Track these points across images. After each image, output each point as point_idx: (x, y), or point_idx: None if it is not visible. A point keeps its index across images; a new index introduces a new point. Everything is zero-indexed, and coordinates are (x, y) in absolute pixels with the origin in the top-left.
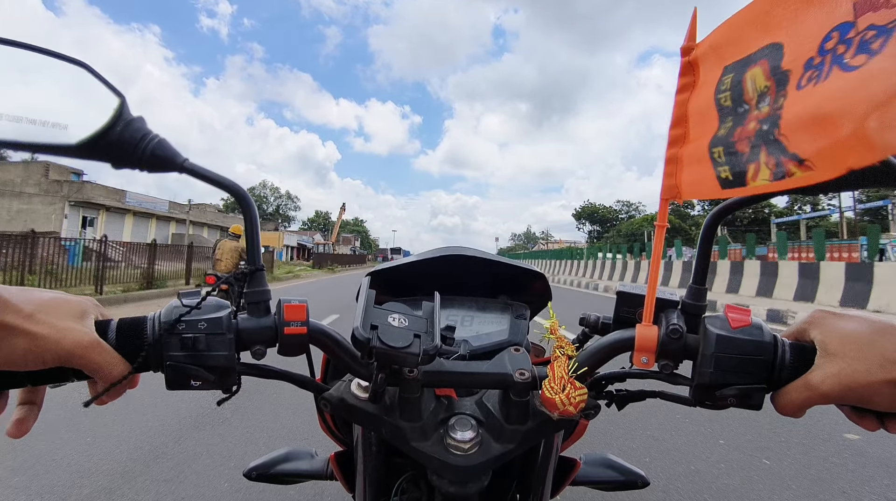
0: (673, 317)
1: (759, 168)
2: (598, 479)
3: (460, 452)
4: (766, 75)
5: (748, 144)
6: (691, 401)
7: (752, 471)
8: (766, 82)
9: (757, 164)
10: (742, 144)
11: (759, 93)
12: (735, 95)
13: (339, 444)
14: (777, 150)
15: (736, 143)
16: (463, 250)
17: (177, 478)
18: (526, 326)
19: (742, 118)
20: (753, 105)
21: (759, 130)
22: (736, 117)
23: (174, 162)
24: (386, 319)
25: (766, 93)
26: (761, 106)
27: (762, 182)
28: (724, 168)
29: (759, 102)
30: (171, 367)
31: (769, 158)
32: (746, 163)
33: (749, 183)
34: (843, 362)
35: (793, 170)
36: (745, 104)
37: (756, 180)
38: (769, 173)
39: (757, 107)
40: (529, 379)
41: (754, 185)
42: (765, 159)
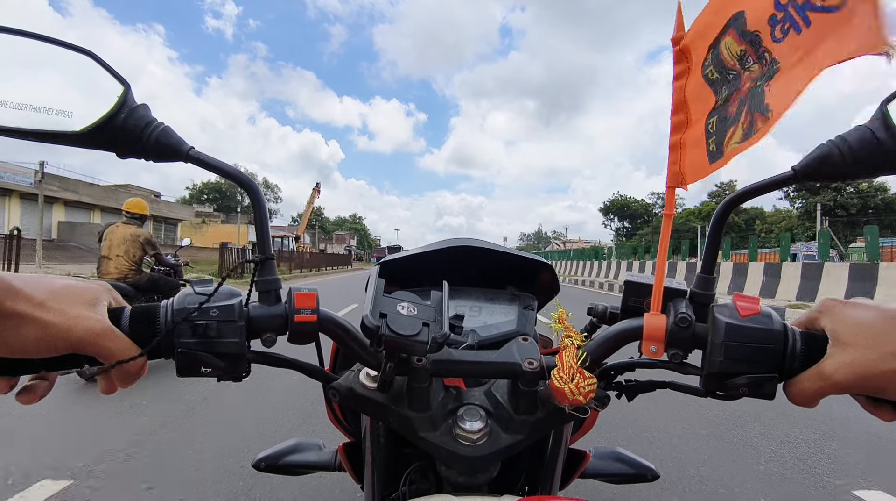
0: (681, 306)
1: (735, 130)
2: (607, 472)
3: (469, 442)
4: (736, 41)
5: (737, 104)
6: (702, 391)
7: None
8: (741, 46)
9: (735, 126)
10: (733, 106)
11: (738, 56)
12: (717, 66)
13: (346, 435)
14: (758, 103)
15: (729, 106)
16: (471, 240)
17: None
18: (533, 316)
19: (736, 83)
20: (740, 68)
21: (753, 87)
22: (729, 84)
23: (179, 150)
24: (395, 307)
25: (745, 55)
26: (749, 65)
27: (734, 146)
28: (712, 139)
29: (744, 63)
30: (182, 354)
31: (747, 115)
32: (729, 126)
33: (725, 150)
34: (856, 351)
35: (759, 125)
36: (731, 70)
37: (730, 145)
38: (741, 134)
39: (744, 68)
40: (538, 369)
41: (728, 151)
42: (743, 118)
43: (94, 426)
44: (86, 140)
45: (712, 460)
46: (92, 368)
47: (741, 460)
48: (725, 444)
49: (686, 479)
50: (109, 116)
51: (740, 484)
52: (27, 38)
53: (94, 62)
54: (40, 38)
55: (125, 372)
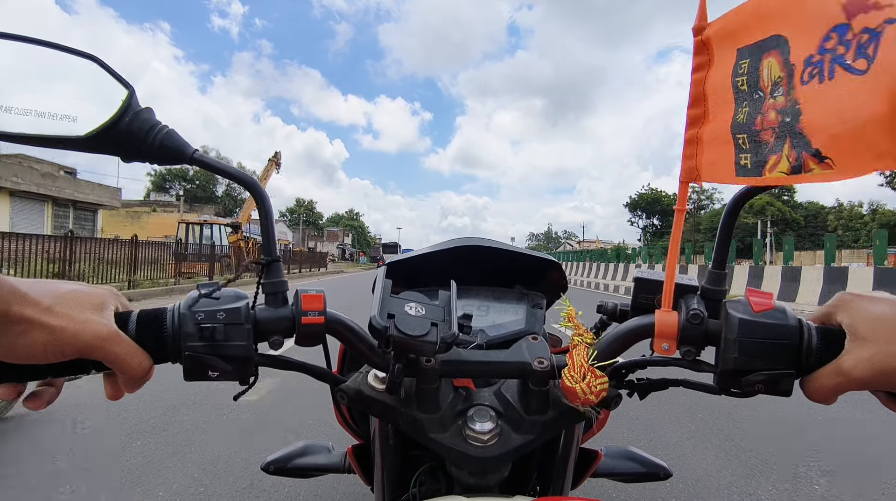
0: (693, 302)
1: (779, 160)
2: (619, 471)
3: (479, 443)
4: (780, 66)
5: (773, 135)
6: (716, 389)
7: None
8: (781, 73)
9: (779, 156)
10: (766, 134)
11: (774, 82)
12: (751, 80)
13: (355, 437)
14: (801, 143)
15: (760, 132)
16: (478, 240)
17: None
18: (542, 315)
19: (758, 105)
20: (768, 93)
21: (782, 121)
22: (752, 103)
23: (183, 153)
24: (403, 308)
25: (779, 83)
26: (776, 95)
27: (778, 174)
28: (746, 156)
29: (774, 90)
30: (189, 357)
31: (792, 151)
32: (769, 153)
33: (765, 173)
34: (875, 346)
35: (811, 166)
36: (761, 91)
37: (773, 172)
38: (788, 166)
39: (771, 96)
40: (548, 368)
41: (769, 176)
42: (787, 152)
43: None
44: (91, 145)
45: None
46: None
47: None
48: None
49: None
50: (114, 121)
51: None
52: (32, 44)
53: (99, 67)
54: (45, 44)
55: (132, 377)
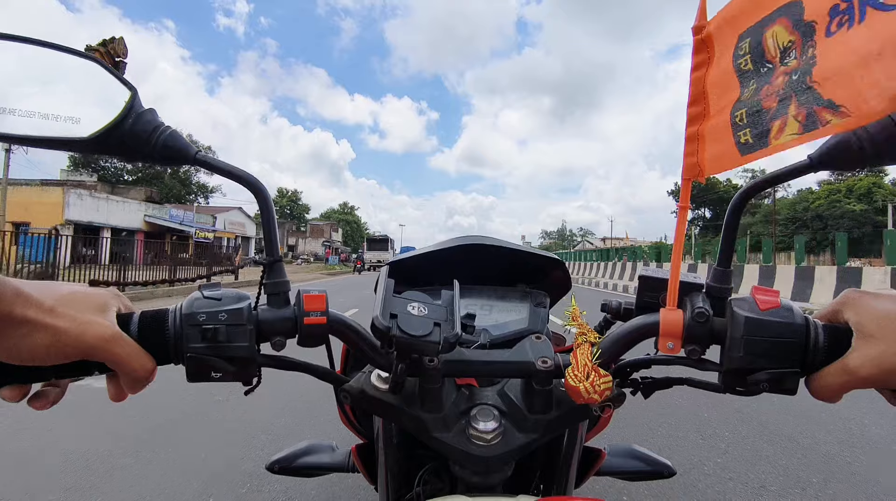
0: (698, 300)
1: (785, 123)
2: (623, 470)
3: (483, 442)
4: (788, 30)
5: (776, 99)
6: (721, 387)
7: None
8: (791, 37)
9: (783, 119)
10: (769, 101)
11: (783, 48)
12: (756, 56)
13: (359, 437)
14: (810, 98)
15: (762, 100)
16: (481, 238)
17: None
18: (546, 314)
19: (767, 77)
20: (778, 62)
21: (790, 81)
22: (759, 78)
23: (186, 154)
24: (405, 308)
25: (790, 47)
26: (787, 61)
27: (788, 137)
28: (744, 132)
29: (784, 57)
30: (191, 359)
31: (799, 109)
32: (771, 120)
33: (771, 142)
34: (882, 344)
35: (828, 118)
36: (769, 63)
37: (780, 137)
38: (798, 126)
39: (783, 62)
40: (552, 367)
41: (777, 143)
42: (794, 112)
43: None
44: (94, 146)
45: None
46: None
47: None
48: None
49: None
50: (117, 122)
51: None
52: (35, 45)
53: (102, 68)
54: (48, 45)
55: (135, 378)
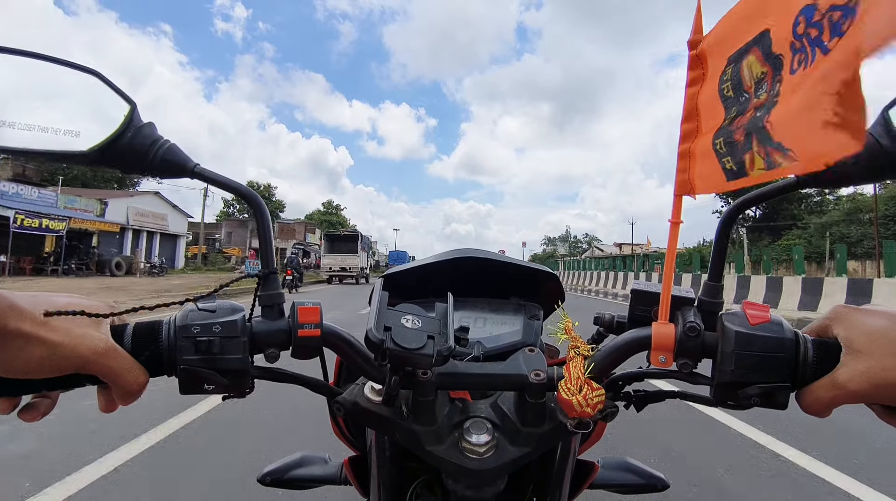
0: (689, 314)
1: (753, 158)
2: (616, 483)
3: (476, 456)
4: (760, 62)
5: (742, 133)
6: (713, 401)
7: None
8: (763, 68)
9: (751, 153)
10: (738, 133)
11: (757, 80)
12: (734, 84)
13: (352, 449)
14: (765, 139)
15: (734, 132)
16: (475, 251)
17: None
18: (539, 326)
19: (744, 107)
20: (752, 93)
21: (753, 117)
22: (738, 106)
23: (185, 167)
24: (399, 320)
25: (763, 79)
26: (759, 93)
27: (758, 172)
28: (727, 159)
29: (757, 89)
30: (184, 371)
31: (759, 147)
32: (742, 152)
33: (749, 173)
34: (871, 359)
35: (779, 160)
36: (745, 93)
37: (753, 170)
38: (762, 163)
39: (756, 94)
40: (545, 380)
41: (753, 175)
42: (756, 148)
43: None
44: (93, 159)
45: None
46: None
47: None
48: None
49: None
50: (116, 136)
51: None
52: (34, 58)
53: (101, 82)
54: (47, 58)
55: (127, 391)
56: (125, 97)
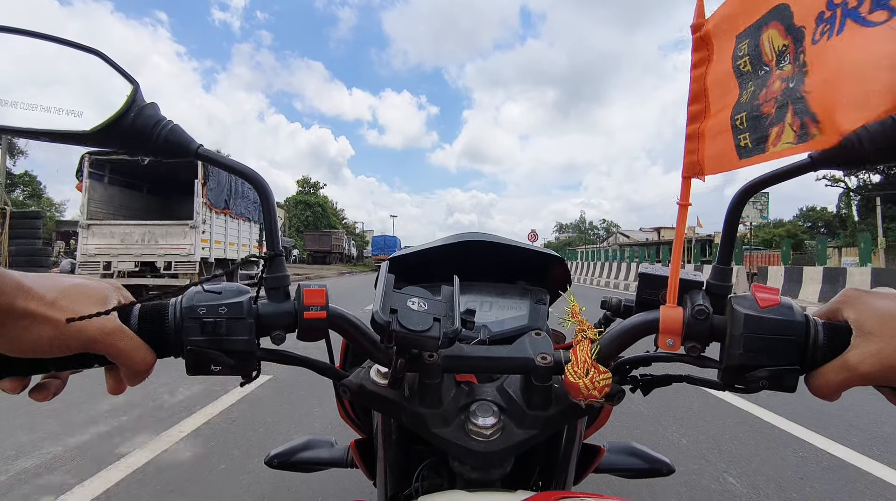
0: (698, 298)
1: (782, 130)
2: (622, 467)
3: (482, 438)
4: (782, 34)
5: (774, 105)
6: (721, 385)
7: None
8: (784, 41)
9: (781, 126)
10: (768, 106)
11: (779, 52)
12: (754, 58)
13: (358, 432)
14: (802, 108)
15: (762, 105)
16: (481, 235)
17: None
18: (545, 311)
19: (765, 80)
20: (774, 65)
21: (787, 88)
22: (758, 80)
23: (188, 148)
24: (405, 303)
25: (784, 51)
26: (783, 65)
27: (784, 146)
28: (744, 135)
29: (780, 61)
30: (191, 352)
31: (794, 118)
32: (769, 126)
33: (769, 148)
34: (882, 341)
35: (814, 131)
36: (766, 66)
37: (777, 145)
38: (793, 135)
39: (778, 66)
40: (552, 364)
41: (774, 150)
42: (790, 120)
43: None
44: (96, 140)
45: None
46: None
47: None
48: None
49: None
50: (119, 116)
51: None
52: (36, 38)
53: (103, 62)
54: (50, 38)
55: (135, 371)
56: (128, 77)
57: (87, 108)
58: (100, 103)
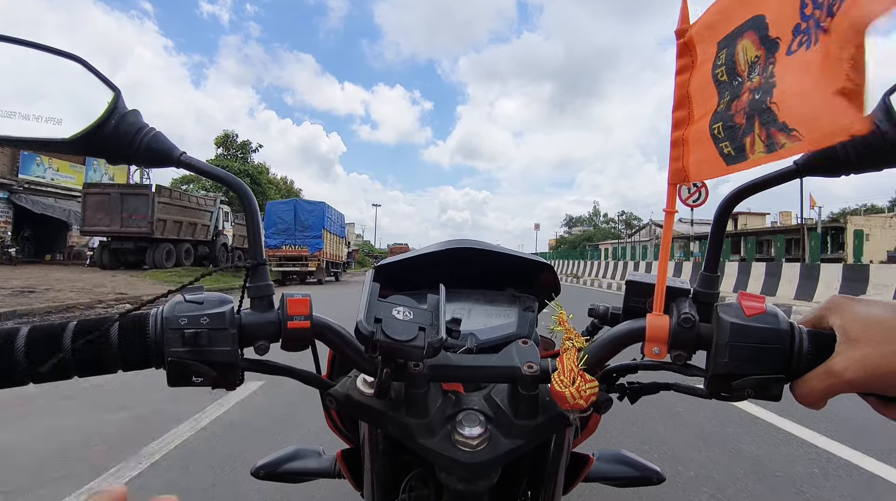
0: (684, 306)
1: (753, 140)
2: (611, 475)
3: (469, 448)
4: (756, 45)
5: (744, 116)
6: (706, 393)
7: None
8: (757, 52)
9: (752, 136)
10: (739, 117)
11: (751, 63)
12: (729, 68)
13: (345, 441)
14: (768, 119)
15: (734, 115)
16: (469, 242)
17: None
18: (534, 318)
19: (738, 90)
20: (745, 76)
21: (752, 99)
22: (732, 90)
23: (170, 156)
24: (390, 312)
25: (756, 62)
26: (752, 76)
27: (759, 154)
28: (725, 144)
29: (751, 72)
30: (172, 363)
31: (761, 129)
32: (743, 136)
33: (749, 156)
34: (867, 347)
35: (783, 141)
36: (739, 77)
37: (754, 153)
38: (763, 145)
39: (749, 78)
40: (538, 372)
41: (753, 158)
42: (758, 130)
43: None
44: (76, 147)
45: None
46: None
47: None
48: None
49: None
50: (100, 123)
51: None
52: (14, 44)
53: (84, 68)
54: (29, 44)
55: None
56: (109, 84)
57: (66, 115)
58: (80, 111)
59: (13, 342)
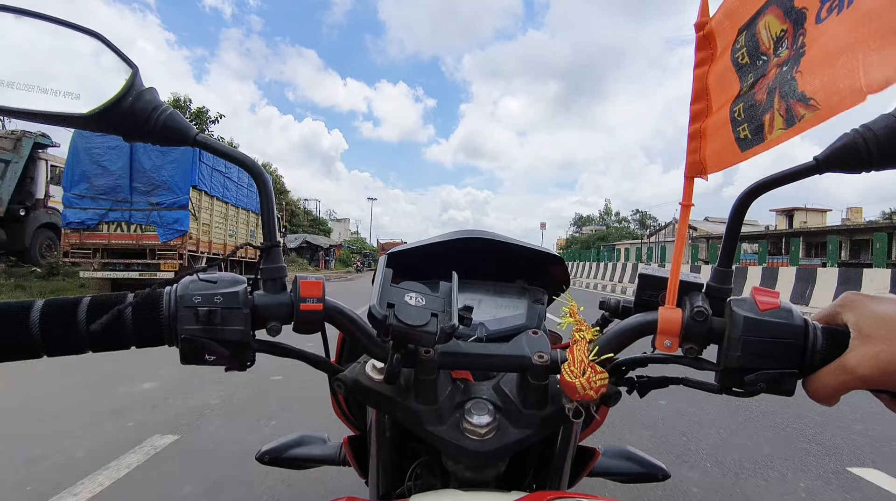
0: (697, 299)
1: (773, 116)
2: (617, 471)
3: (476, 437)
4: (780, 19)
5: (765, 92)
6: (717, 387)
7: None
8: (783, 26)
9: (771, 112)
10: (761, 93)
11: (776, 38)
12: (751, 49)
13: (352, 428)
14: (789, 90)
15: (755, 94)
16: (480, 232)
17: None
18: (543, 311)
19: (763, 69)
20: (771, 54)
21: (779, 73)
22: (756, 71)
23: (186, 135)
24: (403, 297)
25: (783, 37)
26: (780, 51)
27: (777, 132)
28: (742, 127)
29: (777, 48)
30: (185, 340)
31: (780, 102)
32: (762, 114)
33: (766, 137)
34: (881, 343)
35: (801, 111)
36: (763, 55)
37: (773, 132)
38: (782, 120)
39: (776, 53)
40: (548, 362)
41: (771, 138)
42: (777, 105)
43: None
44: (93, 123)
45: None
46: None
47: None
48: None
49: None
50: (117, 99)
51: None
52: (36, 18)
53: (103, 44)
54: (49, 19)
55: None
56: (127, 61)
57: (84, 90)
58: (98, 86)
59: (28, 315)
